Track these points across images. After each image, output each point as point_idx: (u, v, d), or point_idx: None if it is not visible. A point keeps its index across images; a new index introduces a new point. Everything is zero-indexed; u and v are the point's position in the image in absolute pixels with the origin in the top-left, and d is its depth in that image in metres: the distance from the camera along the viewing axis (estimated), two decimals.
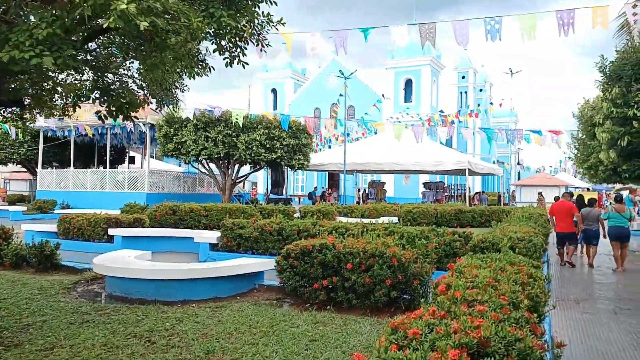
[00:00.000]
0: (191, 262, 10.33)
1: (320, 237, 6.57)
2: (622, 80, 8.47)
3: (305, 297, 6.05)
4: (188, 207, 15.98)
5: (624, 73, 8.45)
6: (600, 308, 6.99)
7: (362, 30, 10.67)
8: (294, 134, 21.08)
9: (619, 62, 8.67)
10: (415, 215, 18.90)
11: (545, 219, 14.06)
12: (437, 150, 26.20)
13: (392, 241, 6.24)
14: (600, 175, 14.88)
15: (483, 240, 8.01)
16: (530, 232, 9.09)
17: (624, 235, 10.62)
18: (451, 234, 8.30)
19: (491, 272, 4.14)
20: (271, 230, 9.48)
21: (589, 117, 14.49)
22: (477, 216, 19.26)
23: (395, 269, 5.57)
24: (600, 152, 9.30)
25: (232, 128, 20.07)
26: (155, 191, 23.23)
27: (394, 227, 8.84)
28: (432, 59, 48.43)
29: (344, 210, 19.82)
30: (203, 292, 6.44)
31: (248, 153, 20.19)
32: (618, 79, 8.58)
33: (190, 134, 20.35)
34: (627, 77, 8.36)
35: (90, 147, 28.79)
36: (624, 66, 8.46)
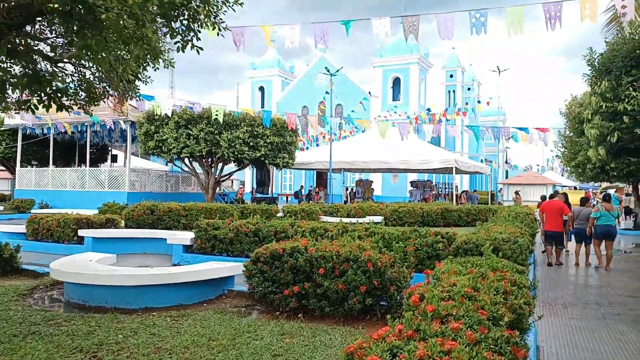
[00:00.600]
0: (164, 264, 9.88)
1: (293, 240, 6.15)
2: (611, 73, 8.10)
3: (276, 304, 5.63)
4: (166, 206, 15.49)
5: (613, 66, 8.08)
6: (589, 314, 6.65)
7: (343, 23, 10.27)
8: (279, 131, 20.64)
9: (608, 54, 8.30)
10: (401, 214, 18.55)
11: (532, 218, 13.82)
12: (424, 149, 25.91)
13: (369, 244, 5.84)
14: (588, 174, 14.57)
15: (467, 242, 7.65)
16: (516, 232, 8.75)
17: (612, 233, 10.60)
18: (433, 235, 7.92)
19: (471, 279, 3.75)
20: (247, 231, 9.05)
21: (577, 114, 14.16)
22: (464, 215, 18.96)
23: (371, 274, 5.17)
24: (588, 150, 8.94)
25: (215, 125, 19.58)
26: (136, 190, 22.66)
27: (375, 227, 8.45)
28: (420, 57, 48.18)
29: (330, 210, 19.42)
30: (167, 299, 6.00)
31: (231, 151, 19.72)
32: (607, 72, 8.21)
33: (172, 132, 19.82)
34: (617, 70, 7.99)
35: (71, 146, 28.09)
36: (614, 58, 8.09)
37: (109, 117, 20.80)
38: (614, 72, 8.11)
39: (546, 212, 11.41)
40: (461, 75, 60.35)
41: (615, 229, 10.72)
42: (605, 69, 8.26)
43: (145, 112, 20.09)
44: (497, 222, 10.47)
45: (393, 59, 48.64)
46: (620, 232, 18.73)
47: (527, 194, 26.34)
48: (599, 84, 8.21)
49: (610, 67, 8.15)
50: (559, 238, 11.14)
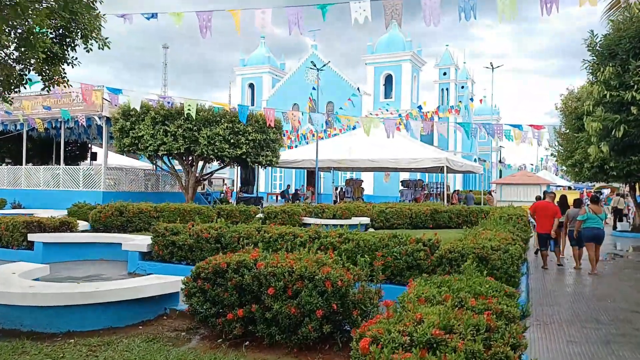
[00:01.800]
0: (119, 273, 8.94)
1: (244, 251, 5.23)
2: (617, 57, 7.16)
3: (218, 329, 4.71)
4: (136, 207, 14.55)
5: (619, 48, 7.12)
6: (588, 335, 5.77)
7: (319, 7, 9.35)
8: (261, 128, 19.70)
9: (613, 36, 7.34)
10: (388, 215, 17.66)
11: (525, 220, 13.02)
12: (414, 148, 25.06)
13: (332, 257, 4.92)
14: (585, 173, 13.62)
15: (451, 250, 6.76)
16: (507, 238, 7.86)
17: (599, 237, 10.17)
18: (414, 242, 7.02)
19: (443, 314, 2.85)
20: (208, 236, 8.11)
21: (573, 109, 13.21)
22: (454, 217, 18.10)
23: (329, 296, 4.25)
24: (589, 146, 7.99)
25: (194, 122, 18.62)
26: (112, 189, 21.66)
27: (350, 233, 7.54)
28: (413, 54, 47.33)
29: (315, 210, 18.51)
30: (94, 321, 5.07)
31: (210, 148, 18.75)
32: (612, 57, 7.27)
33: (148, 128, 18.84)
34: (623, 53, 7.03)
35: (49, 143, 27.01)
36: (620, 40, 7.13)
37: (82, 113, 19.78)
38: (620, 56, 7.15)
39: (539, 214, 10.91)
40: (455, 73, 59.53)
41: (603, 231, 10.27)
42: (609, 53, 7.31)
43: (119, 107, 19.08)
44: (487, 226, 9.60)
45: (385, 56, 47.75)
46: (617, 235, 17.96)
47: (521, 194, 25.54)
48: (602, 70, 7.25)
49: (616, 50, 7.18)
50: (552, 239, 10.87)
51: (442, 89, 59.41)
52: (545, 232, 10.71)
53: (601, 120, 6.99)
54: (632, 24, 7.05)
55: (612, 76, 6.85)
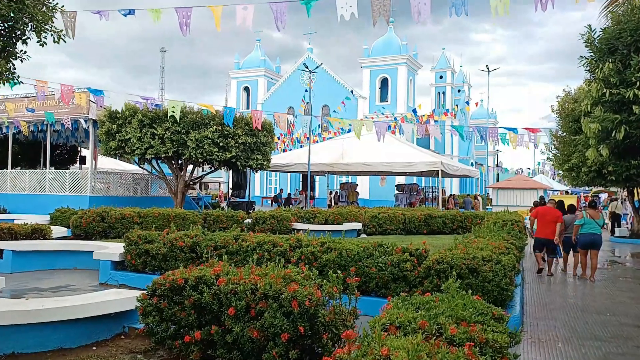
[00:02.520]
0: (91, 283, 8.44)
1: (208, 264, 4.74)
2: (617, 52, 6.67)
3: (176, 352, 4.23)
4: (119, 212, 14.04)
5: (619, 42, 6.63)
6: (587, 355, 5.30)
7: (303, 3, 8.91)
8: (252, 131, 19.22)
9: (612, 29, 6.85)
10: (381, 220, 17.16)
11: (521, 226, 12.59)
12: (408, 151, 24.61)
13: (304, 270, 4.45)
14: (583, 178, 13.14)
15: (439, 261, 6.30)
16: (500, 246, 7.40)
17: (597, 242, 9.90)
18: (401, 252, 6.55)
19: (415, 348, 2.38)
20: (183, 245, 7.63)
21: (570, 110, 12.74)
22: (449, 222, 17.62)
23: (296, 317, 3.77)
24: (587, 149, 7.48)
25: (182, 124, 18.15)
26: (99, 194, 21.12)
27: (333, 242, 7.07)
28: (409, 57, 46.99)
29: (306, 215, 18.02)
30: (42, 341, 4.58)
31: (199, 152, 18.26)
32: (611, 52, 6.78)
33: (135, 131, 18.34)
34: (623, 48, 6.55)
35: (36, 146, 26.48)
36: (620, 33, 6.64)
37: (68, 116, 19.30)
38: (621, 51, 6.66)
39: (540, 219, 10.69)
40: (451, 77, 59.22)
41: (600, 237, 9.96)
42: (608, 48, 6.81)
43: (106, 109, 18.61)
44: (479, 234, 9.15)
45: (381, 59, 47.40)
46: (615, 241, 17.54)
47: (517, 199, 25.07)
48: (600, 66, 6.76)
49: (616, 44, 6.68)
50: (550, 246, 10.62)
51: (439, 92, 59.09)
52: (543, 237, 10.51)
53: (600, 120, 6.51)
54: (634, 15, 6.54)
55: (612, 73, 6.37)
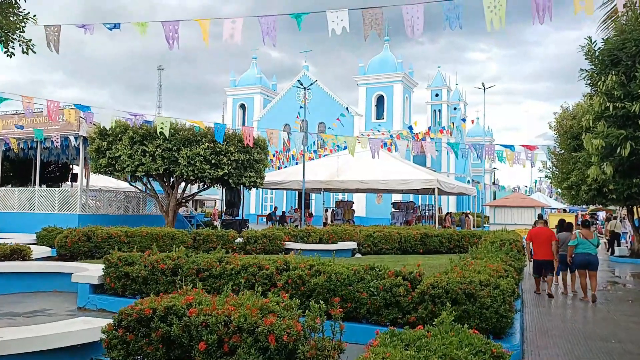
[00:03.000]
0: (70, 307, 8.02)
1: (181, 291, 4.36)
2: (620, 64, 6.36)
3: None
4: (106, 232, 13.64)
5: (623, 53, 6.32)
6: None
7: (294, 17, 8.67)
8: (245, 148, 18.91)
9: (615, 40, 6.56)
10: (376, 240, 16.75)
11: (519, 245, 12.26)
12: (404, 168, 24.32)
13: (285, 299, 4.07)
14: (583, 196, 12.79)
15: (434, 285, 5.92)
16: (499, 269, 7.03)
17: (592, 263, 9.69)
18: (393, 276, 6.18)
19: None
20: (164, 268, 7.23)
21: (569, 127, 12.46)
22: (445, 241, 17.21)
23: (273, 354, 3.39)
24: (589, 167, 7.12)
25: (173, 142, 17.85)
26: (89, 212, 20.70)
27: (322, 264, 6.69)
28: (405, 75, 47.06)
29: (300, 234, 17.62)
30: None
31: (190, 169, 17.91)
32: (615, 64, 6.46)
33: (126, 148, 18.00)
34: (628, 59, 6.21)
35: (28, 164, 26.09)
36: (624, 44, 6.36)
37: (57, 133, 18.98)
38: (624, 63, 6.34)
39: (534, 241, 10.61)
40: (447, 95, 59.33)
41: (595, 257, 9.79)
42: (611, 60, 6.50)
43: (96, 126, 18.30)
44: (477, 254, 8.78)
45: (377, 77, 47.46)
46: (615, 260, 17.17)
47: (515, 217, 24.73)
48: (603, 79, 6.46)
49: (619, 55, 6.37)
50: (548, 266, 10.51)
51: (434, 110, 59.14)
52: (541, 258, 10.37)
53: (604, 136, 6.19)
54: (639, 24, 6.26)
55: (615, 86, 6.07)
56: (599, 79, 6.21)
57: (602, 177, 7.24)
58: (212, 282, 6.88)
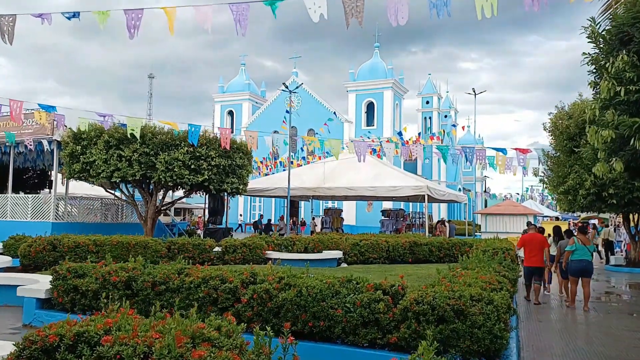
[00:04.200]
0: (15, 324, 7.18)
1: (103, 314, 3.57)
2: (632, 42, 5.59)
3: None
4: (72, 240, 12.77)
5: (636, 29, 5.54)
6: None
7: (267, 4, 7.95)
8: (226, 153, 18.11)
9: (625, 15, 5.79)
10: (362, 248, 16.00)
11: (513, 254, 11.60)
12: (393, 175, 23.63)
13: (228, 318, 3.29)
14: (580, 202, 12.08)
15: (419, 301, 5.14)
16: (492, 280, 6.28)
17: (588, 270, 9.49)
18: (372, 290, 5.42)
19: None
20: (117, 280, 6.41)
21: (565, 127, 11.77)
22: (435, 250, 16.51)
23: None
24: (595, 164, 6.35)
25: (151, 146, 17.01)
26: (65, 220, 19.77)
27: (293, 277, 5.91)
28: (395, 81, 46.58)
29: (284, 243, 16.83)
30: None
31: (168, 175, 17.04)
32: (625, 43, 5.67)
33: (101, 153, 17.12)
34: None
35: (6, 170, 25.10)
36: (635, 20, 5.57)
37: (30, 137, 18.09)
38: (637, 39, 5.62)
39: (527, 247, 10.37)
40: (437, 102, 59.01)
41: (591, 264, 9.58)
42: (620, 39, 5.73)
43: (69, 130, 17.45)
44: (467, 264, 8.05)
45: (367, 84, 46.93)
46: (611, 269, 16.52)
47: (507, 225, 24.11)
48: (611, 61, 5.71)
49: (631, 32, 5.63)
50: (539, 273, 10.27)
51: (425, 117, 58.79)
52: (531, 265, 10.14)
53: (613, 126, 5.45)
54: None
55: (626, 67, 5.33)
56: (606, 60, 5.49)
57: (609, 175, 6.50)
58: (169, 297, 6.08)
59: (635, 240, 16.26)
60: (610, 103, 5.42)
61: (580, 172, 11.13)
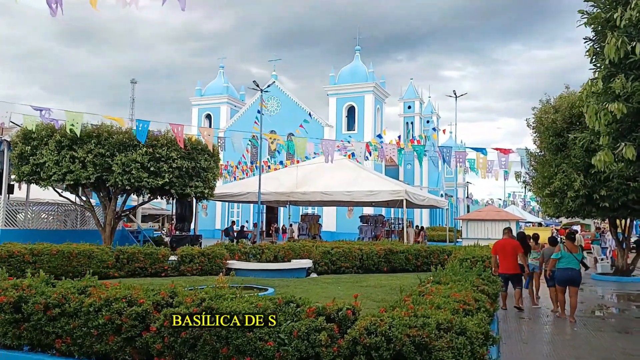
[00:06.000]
0: None
1: None
2: None
3: None
4: (5, 250, 11.39)
5: None
6: None
7: None
8: (189, 154, 16.86)
9: None
10: (334, 257, 14.84)
11: (494, 263, 10.62)
12: (371, 179, 22.57)
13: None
14: (568, 205, 11.02)
15: (371, 331, 3.98)
16: (467, 299, 5.14)
17: (575, 279, 9.00)
18: (314, 315, 4.25)
19: None
20: (3, 301, 5.15)
21: (551, 122, 10.69)
22: (412, 258, 15.44)
23: None
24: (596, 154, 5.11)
25: (107, 146, 15.71)
26: (16, 227, 18.34)
27: (219, 298, 4.72)
28: (376, 85, 45.67)
29: (252, 251, 15.62)
30: None
31: (126, 177, 15.73)
32: None
33: (52, 154, 15.77)
34: None
35: None
36: None
37: None
38: None
39: (499, 253, 9.96)
40: (419, 107, 58.34)
41: (578, 273, 9.13)
42: None
43: (20, 130, 16.07)
44: (441, 277, 6.94)
45: (347, 87, 45.94)
46: (597, 278, 15.59)
47: (489, 231, 23.19)
48: (619, 11, 4.54)
49: None
50: (515, 279, 9.89)
51: (407, 122, 58.06)
52: (505, 272, 9.72)
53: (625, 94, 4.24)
54: None
55: (636, 21, 4.24)
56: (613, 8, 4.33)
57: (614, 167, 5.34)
58: (65, 324, 4.84)
59: (623, 247, 15.36)
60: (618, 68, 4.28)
61: (568, 171, 10.11)
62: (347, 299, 9.62)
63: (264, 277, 13.09)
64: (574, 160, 9.87)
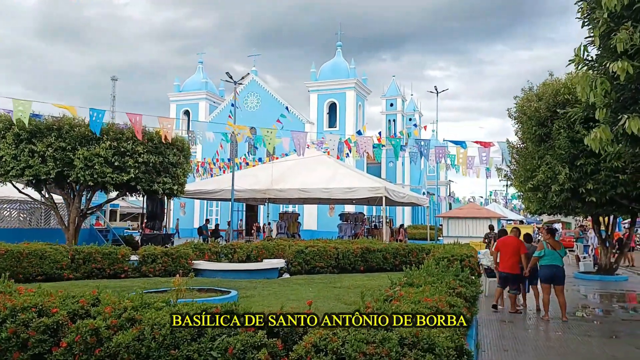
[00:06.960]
0: None
1: None
2: None
3: None
4: None
5: None
6: None
7: None
8: (157, 148, 16.00)
9: None
10: (308, 256, 14.13)
11: (474, 262, 10.04)
12: (350, 175, 21.94)
13: None
14: (553, 200, 10.42)
15: (320, 347, 3.26)
16: (441, 304, 4.50)
17: (559, 276, 8.77)
18: (252, 330, 3.53)
19: None
20: None
21: (533, 111, 10.07)
22: (390, 257, 14.81)
23: None
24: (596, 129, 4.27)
25: (68, 140, 14.80)
26: None
27: (142, 308, 3.97)
28: (357, 81, 45.06)
29: (224, 251, 14.89)
30: None
31: (88, 173, 14.83)
32: None
33: (9, 147, 14.81)
34: None
35: None
36: None
37: None
38: None
39: (502, 251, 9.59)
40: (402, 105, 57.91)
41: (562, 270, 8.89)
42: None
43: None
44: (414, 278, 6.29)
45: (329, 83, 45.23)
46: (580, 277, 15.17)
47: (470, 229, 22.73)
48: None
49: None
50: (514, 281, 9.39)
51: (389, 120, 57.60)
52: (504, 270, 9.41)
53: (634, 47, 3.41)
54: None
55: None
56: None
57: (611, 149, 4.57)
58: None
59: (606, 245, 14.92)
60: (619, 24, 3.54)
61: (552, 163, 9.53)
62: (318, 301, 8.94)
63: (232, 278, 12.35)
64: (558, 151, 9.31)
